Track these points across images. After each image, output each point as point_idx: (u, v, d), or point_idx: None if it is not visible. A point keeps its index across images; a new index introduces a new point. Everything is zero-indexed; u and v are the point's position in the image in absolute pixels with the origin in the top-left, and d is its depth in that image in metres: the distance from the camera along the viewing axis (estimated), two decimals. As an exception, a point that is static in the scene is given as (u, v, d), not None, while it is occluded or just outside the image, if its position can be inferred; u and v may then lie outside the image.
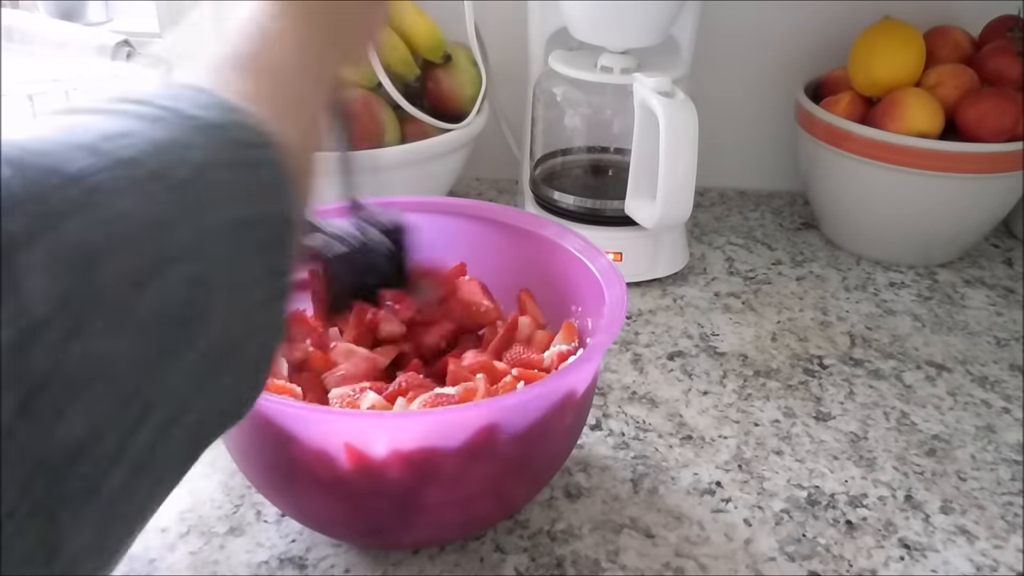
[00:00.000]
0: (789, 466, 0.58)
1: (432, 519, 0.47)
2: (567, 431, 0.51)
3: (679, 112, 0.69)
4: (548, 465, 0.51)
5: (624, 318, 0.49)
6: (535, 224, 0.59)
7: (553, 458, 0.51)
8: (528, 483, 0.51)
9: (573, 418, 0.50)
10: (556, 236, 0.58)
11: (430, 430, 0.43)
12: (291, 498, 0.49)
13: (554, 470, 0.53)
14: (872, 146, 0.78)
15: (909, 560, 0.51)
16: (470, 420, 0.44)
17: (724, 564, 0.51)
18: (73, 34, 0.86)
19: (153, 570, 0.50)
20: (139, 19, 1.03)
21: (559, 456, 0.52)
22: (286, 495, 0.49)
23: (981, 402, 0.66)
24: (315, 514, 0.49)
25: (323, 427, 0.44)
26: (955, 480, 0.58)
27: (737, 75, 0.94)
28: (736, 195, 0.98)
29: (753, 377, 0.68)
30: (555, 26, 0.81)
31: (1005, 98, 0.77)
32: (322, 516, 0.49)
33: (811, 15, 0.91)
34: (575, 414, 0.50)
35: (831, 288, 0.81)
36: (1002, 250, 0.88)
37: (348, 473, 0.44)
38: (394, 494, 0.45)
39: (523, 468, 0.48)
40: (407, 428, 0.44)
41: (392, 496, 0.45)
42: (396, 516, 0.46)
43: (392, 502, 0.45)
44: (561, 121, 0.83)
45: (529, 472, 0.49)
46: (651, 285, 0.79)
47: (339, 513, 0.47)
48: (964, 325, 0.75)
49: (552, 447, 0.50)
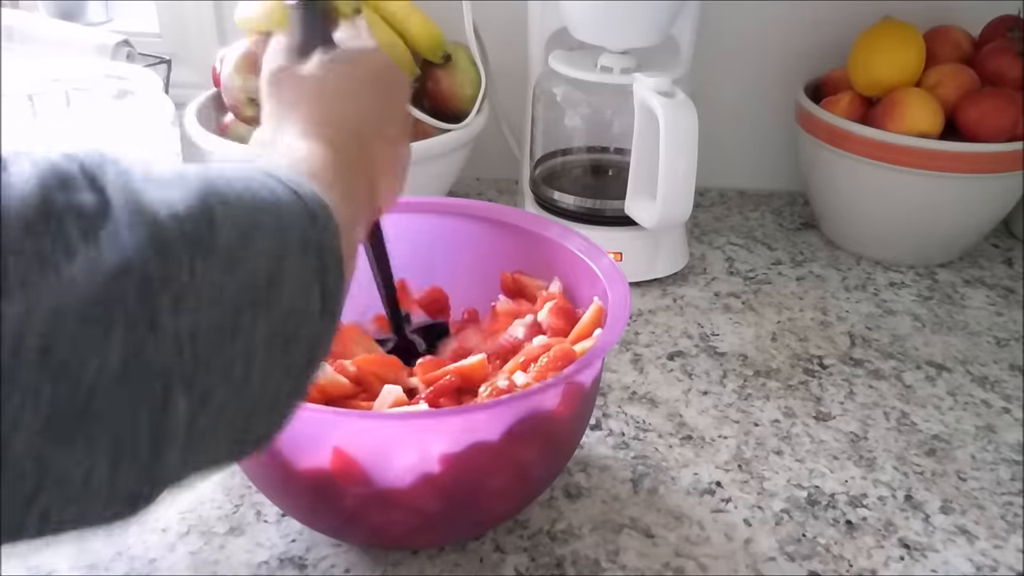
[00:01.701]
0: (789, 466, 0.58)
1: (437, 522, 0.47)
2: (572, 433, 0.51)
3: (679, 112, 0.69)
4: (549, 469, 0.51)
5: (627, 318, 0.49)
6: (538, 225, 0.59)
7: (553, 462, 0.51)
8: (530, 485, 0.51)
9: (578, 419, 0.50)
10: (559, 237, 0.58)
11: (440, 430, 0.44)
12: (289, 499, 0.49)
13: (555, 473, 0.53)
14: (872, 146, 0.78)
15: (909, 560, 0.51)
16: (479, 422, 0.44)
17: (724, 564, 0.51)
18: (73, 34, 0.86)
19: (153, 570, 0.50)
20: (139, 19, 1.03)
21: (560, 459, 0.52)
22: (284, 497, 0.49)
23: (981, 402, 0.66)
24: (315, 516, 0.49)
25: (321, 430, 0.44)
26: (955, 480, 0.58)
27: (737, 75, 0.94)
28: (736, 195, 0.98)
29: (753, 377, 0.68)
30: (555, 26, 0.81)
31: (1005, 98, 0.77)
32: (321, 518, 0.49)
33: (811, 15, 0.91)
34: (580, 413, 0.50)
35: (831, 288, 0.81)
36: (1002, 250, 0.88)
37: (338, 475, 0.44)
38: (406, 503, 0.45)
39: (524, 470, 0.48)
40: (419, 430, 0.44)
41: (398, 502, 0.45)
42: (395, 517, 0.46)
43: (402, 510, 0.45)
44: (561, 121, 0.83)
45: (529, 476, 0.49)
46: (651, 285, 0.79)
47: (339, 517, 0.47)
48: (964, 325, 0.75)
49: (554, 452, 0.50)
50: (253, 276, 0.29)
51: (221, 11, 0.95)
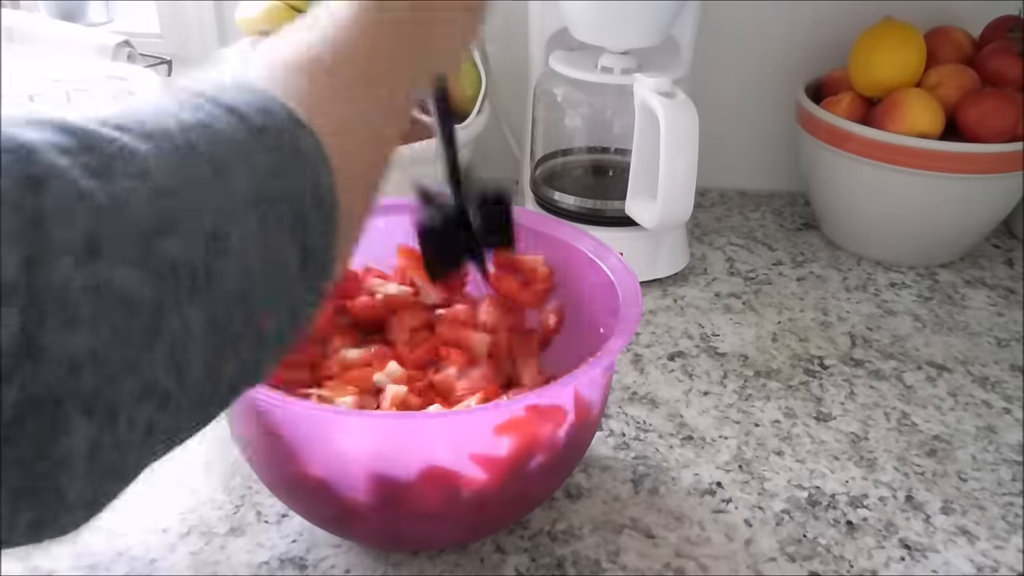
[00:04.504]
0: (790, 466, 0.58)
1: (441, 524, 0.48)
2: (581, 443, 0.51)
3: (679, 112, 0.69)
4: (557, 473, 0.51)
5: (639, 320, 0.48)
6: (549, 226, 0.59)
7: (560, 468, 0.51)
8: (538, 489, 0.51)
9: (585, 424, 0.50)
10: (572, 239, 0.57)
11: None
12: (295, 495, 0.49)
13: (563, 477, 0.53)
14: (873, 146, 0.78)
15: (910, 560, 0.51)
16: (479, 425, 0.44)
17: (724, 564, 0.51)
18: (73, 34, 0.86)
19: (154, 570, 0.50)
20: (139, 19, 1.03)
21: (566, 467, 0.52)
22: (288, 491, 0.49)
23: (982, 403, 0.66)
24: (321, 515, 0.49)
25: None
26: (956, 480, 0.58)
27: (737, 75, 0.94)
28: (737, 195, 0.98)
29: (754, 377, 0.68)
30: (555, 26, 0.81)
31: (1005, 98, 0.77)
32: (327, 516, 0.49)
33: (811, 15, 0.91)
34: (586, 420, 0.50)
35: (832, 288, 0.81)
36: (1003, 250, 0.88)
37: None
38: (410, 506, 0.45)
39: (532, 475, 0.48)
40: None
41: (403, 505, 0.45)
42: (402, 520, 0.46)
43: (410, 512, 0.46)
44: (561, 121, 0.83)
45: (537, 483, 0.49)
46: (651, 285, 0.79)
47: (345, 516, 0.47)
48: (965, 325, 0.75)
49: (561, 458, 0.50)
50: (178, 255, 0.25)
51: (222, 11, 0.95)
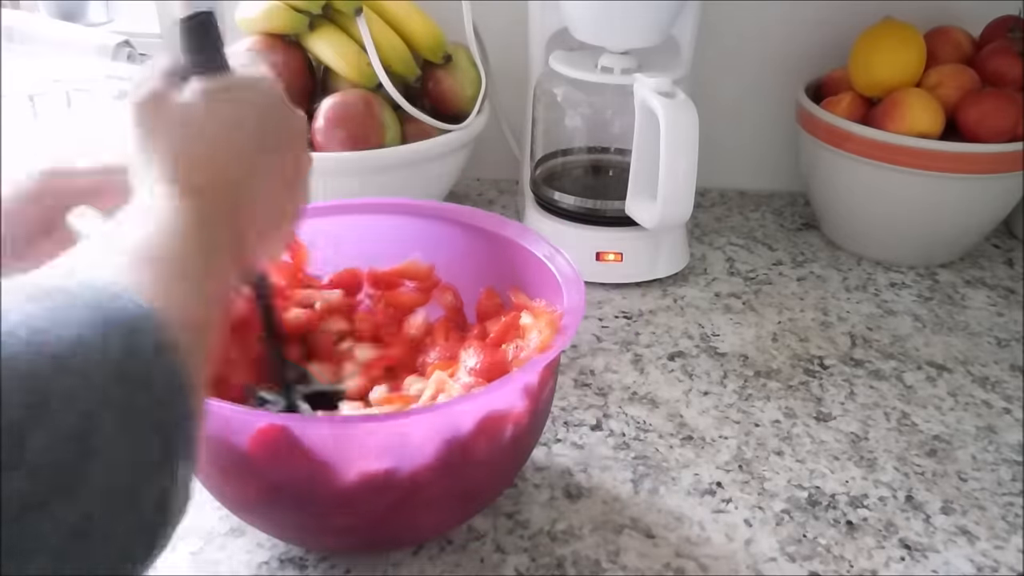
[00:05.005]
0: (790, 466, 0.58)
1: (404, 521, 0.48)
2: (528, 433, 0.51)
3: (679, 112, 0.69)
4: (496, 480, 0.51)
5: (582, 317, 0.48)
6: (497, 224, 0.59)
7: (507, 465, 0.51)
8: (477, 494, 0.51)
9: (529, 421, 0.49)
10: (517, 236, 0.57)
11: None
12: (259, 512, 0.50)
13: (502, 486, 0.53)
14: (873, 146, 0.78)
15: (910, 560, 0.51)
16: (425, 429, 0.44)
17: (724, 564, 0.51)
18: (73, 34, 0.86)
19: (153, 570, 0.50)
20: (139, 20, 1.03)
21: (513, 463, 0.52)
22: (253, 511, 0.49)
23: (982, 403, 0.66)
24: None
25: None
26: (956, 481, 0.58)
27: (737, 75, 0.94)
28: (737, 195, 0.98)
29: (754, 377, 0.68)
30: (555, 26, 0.81)
31: (1006, 98, 0.77)
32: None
33: (811, 15, 0.91)
34: (533, 416, 0.49)
35: (832, 288, 0.81)
36: (1003, 250, 0.88)
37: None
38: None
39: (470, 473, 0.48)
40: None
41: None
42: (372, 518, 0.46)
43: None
44: (562, 121, 0.83)
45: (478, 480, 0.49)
46: (651, 285, 0.79)
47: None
48: (965, 326, 0.75)
49: (502, 454, 0.49)
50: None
51: (221, 11, 0.95)
